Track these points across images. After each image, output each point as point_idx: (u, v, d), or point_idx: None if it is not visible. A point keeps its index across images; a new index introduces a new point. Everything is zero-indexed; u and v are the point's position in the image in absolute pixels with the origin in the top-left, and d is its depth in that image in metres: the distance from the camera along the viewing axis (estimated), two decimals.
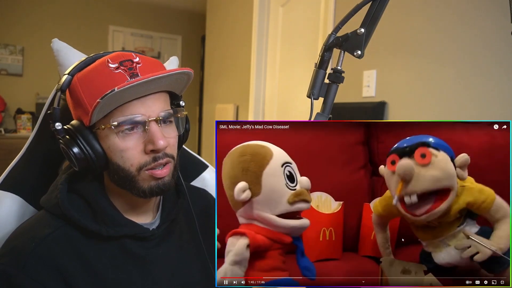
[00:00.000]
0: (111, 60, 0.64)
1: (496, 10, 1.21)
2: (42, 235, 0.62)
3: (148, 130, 0.62)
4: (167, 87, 0.67)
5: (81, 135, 0.62)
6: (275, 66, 2.63)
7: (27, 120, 4.01)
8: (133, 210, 0.71)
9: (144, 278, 0.68)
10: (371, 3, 0.63)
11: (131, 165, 0.63)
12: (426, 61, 1.46)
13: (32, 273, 0.59)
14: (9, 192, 0.76)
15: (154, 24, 4.94)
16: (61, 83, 0.63)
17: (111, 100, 0.58)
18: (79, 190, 0.68)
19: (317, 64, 0.66)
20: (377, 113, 1.62)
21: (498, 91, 1.21)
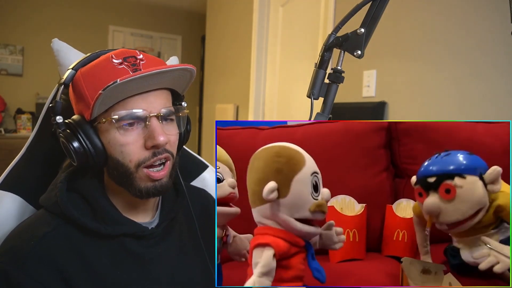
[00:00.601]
0: (115, 56, 0.64)
1: (496, 11, 1.21)
2: (41, 233, 0.62)
3: (148, 126, 0.62)
4: (169, 84, 0.67)
5: (82, 129, 0.62)
6: (275, 66, 2.63)
7: (27, 120, 4.01)
8: (132, 209, 0.71)
9: (144, 277, 0.68)
10: (371, 3, 0.63)
11: (130, 161, 0.63)
12: (426, 61, 1.46)
13: (31, 272, 0.59)
14: (9, 192, 0.76)
15: (154, 24, 4.94)
16: (64, 77, 0.64)
17: (113, 93, 0.58)
18: (79, 188, 0.68)
19: (317, 64, 0.66)
20: (377, 113, 1.62)
21: (498, 91, 1.21)
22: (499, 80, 1.21)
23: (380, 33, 0.75)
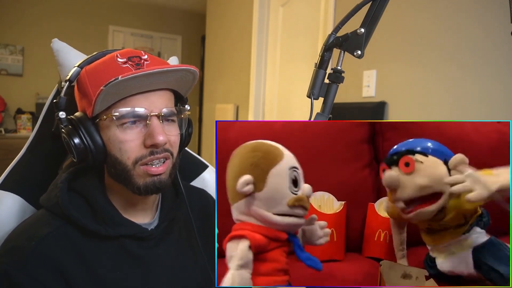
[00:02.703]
0: (120, 55, 0.65)
1: (497, 11, 1.21)
2: (42, 234, 0.62)
3: (149, 125, 0.63)
4: (171, 84, 0.67)
5: (83, 126, 0.63)
6: (275, 66, 2.63)
7: (27, 120, 4.01)
8: (132, 209, 0.71)
9: (143, 278, 0.68)
10: (371, 3, 0.63)
11: (128, 158, 0.63)
12: (426, 61, 1.46)
13: (32, 272, 0.59)
14: (10, 192, 0.76)
15: (154, 24, 4.94)
16: (70, 74, 0.65)
17: (115, 90, 0.59)
18: (79, 189, 0.68)
19: (317, 64, 0.66)
20: (377, 113, 1.62)
21: (498, 91, 1.21)
22: (499, 80, 1.21)
23: (380, 33, 0.75)
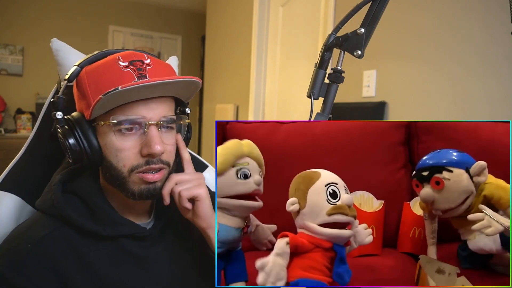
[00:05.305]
0: (122, 58, 0.63)
1: (498, 10, 1.21)
2: (39, 236, 0.62)
3: (147, 133, 0.62)
4: (173, 93, 0.66)
5: (80, 128, 0.62)
6: (275, 66, 2.63)
7: (27, 120, 4.01)
8: (129, 210, 0.70)
9: (143, 278, 0.68)
10: (371, 3, 0.63)
11: (124, 166, 0.63)
12: (426, 61, 1.46)
13: (29, 275, 0.59)
14: (9, 192, 0.76)
15: (154, 24, 4.94)
16: (69, 74, 0.63)
17: (114, 98, 0.58)
18: (75, 190, 0.67)
19: (317, 64, 0.66)
20: (377, 113, 1.62)
21: (498, 90, 1.21)
22: (499, 80, 1.21)
23: (380, 33, 0.75)
